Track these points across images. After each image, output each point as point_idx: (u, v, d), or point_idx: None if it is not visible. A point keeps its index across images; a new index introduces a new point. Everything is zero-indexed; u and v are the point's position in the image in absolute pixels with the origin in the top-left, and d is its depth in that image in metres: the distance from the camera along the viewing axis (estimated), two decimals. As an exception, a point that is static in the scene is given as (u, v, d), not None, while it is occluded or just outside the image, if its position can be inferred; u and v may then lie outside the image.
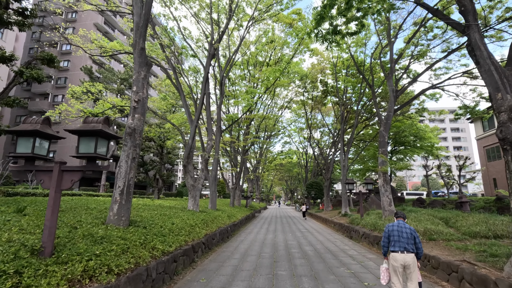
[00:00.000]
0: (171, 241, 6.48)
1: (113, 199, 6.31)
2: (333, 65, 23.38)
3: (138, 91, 7.08)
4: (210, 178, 16.19)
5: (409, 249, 4.04)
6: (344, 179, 19.22)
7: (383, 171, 11.73)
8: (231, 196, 23.18)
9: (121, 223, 6.13)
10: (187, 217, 9.63)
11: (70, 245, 4.05)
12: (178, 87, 13.17)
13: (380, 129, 12.31)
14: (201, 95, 12.19)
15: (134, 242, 5.22)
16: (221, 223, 11.89)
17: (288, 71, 25.88)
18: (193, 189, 12.27)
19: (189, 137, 12.77)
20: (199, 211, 12.31)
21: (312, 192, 35.89)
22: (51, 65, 9.11)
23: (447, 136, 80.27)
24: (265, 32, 23.11)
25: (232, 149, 24.28)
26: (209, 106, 13.68)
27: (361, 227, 11.97)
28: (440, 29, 16.25)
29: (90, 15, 37.31)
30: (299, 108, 37.22)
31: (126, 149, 6.61)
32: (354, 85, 22.28)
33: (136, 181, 22.39)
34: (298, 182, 64.20)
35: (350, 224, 13.50)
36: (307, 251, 8.61)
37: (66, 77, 36.35)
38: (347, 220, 15.52)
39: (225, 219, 13.32)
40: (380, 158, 12.03)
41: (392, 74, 12.70)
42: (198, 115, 12.17)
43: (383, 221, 10.64)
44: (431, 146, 23.43)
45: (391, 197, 11.57)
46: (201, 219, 10.21)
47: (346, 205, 18.87)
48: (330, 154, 30.07)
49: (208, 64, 12.41)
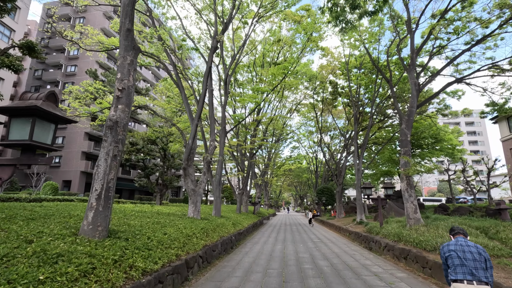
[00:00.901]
0: (158, 255, 5.35)
1: (89, 205, 5.25)
2: (344, 63, 22.21)
3: (123, 78, 6.07)
4: (213, 183, 15.11)
5: (480, 276, 2.77)
6: (359, 184, 17.80)
7: (406, 173, 10.37)
8: (237, 202, 21.99)
9: (96, 234, 5.05)
10: (184, 225, 8.52)
11: (1, 269, 2.97)
12: (178, 83, 12.24)
13: (401, 126, 10.99)
14: (203, 91, 11.18)
15: (104, 260, 4.11)
16: (224, 232, 10.72)
17: (296, 70, 24.85)
18: (193, 194, 11.18)
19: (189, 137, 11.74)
20: (200, 218, 11.19)
21: (323, 198, 34.30)
22: (32, 55, 8.30)
23: (463, 139, 77.19)
24: (272, 32, 22.21)
25: (238, 152, 23.19)
26: (212, 104, 12.66)
27: (382, 237, 10.58)
28: (461, 21, 14.97)
29: (97, 18, 37.30)
30: (308, 112, 36.02)
31: (106, 146, 5.57)
32: (367, 85, 20.99)
33: (137, 186, 21.55)
34: (308, 188, 62.46)
35: (368, 234, 12.10)
36: (322, 267, 7.33)
37: (73, 81, 36.21)
38: (364, 228, 14.10)
39: (230, 227, 12.15)
40: (402, 159, 10.68)
41: (413, 67, 11.42)
42: (199, 113, 11.15)
43: (408, 231, 9.26)
44: (452, 148, 21.74)
45: (416, 204, 10.18)
46: (201, 227, 9.07)
47: (361, 212, 17.41)
48: (341, 158, 28.62)
49: (211, 57, 11.42)
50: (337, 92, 24.74)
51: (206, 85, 11.22)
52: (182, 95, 12.16)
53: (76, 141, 34.22)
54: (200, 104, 11.17)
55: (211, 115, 12.61)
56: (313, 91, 27.29)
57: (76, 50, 37.40)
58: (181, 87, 12.15)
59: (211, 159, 11.85)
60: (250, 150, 22.14)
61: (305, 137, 44.79)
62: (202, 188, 11.48)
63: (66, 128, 35.10)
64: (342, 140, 39.20)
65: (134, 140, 18.59)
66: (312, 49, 21.08)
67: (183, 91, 12.12)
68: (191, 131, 11.06)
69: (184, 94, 12.18)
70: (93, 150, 34.02)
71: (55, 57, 37.26)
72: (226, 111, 23.01)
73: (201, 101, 11.20)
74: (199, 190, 11.35)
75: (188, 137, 17.80)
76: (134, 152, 17.79)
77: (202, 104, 11.23)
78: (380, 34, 18.57)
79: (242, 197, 22.65)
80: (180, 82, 12.10)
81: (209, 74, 11.51)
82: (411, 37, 11.63)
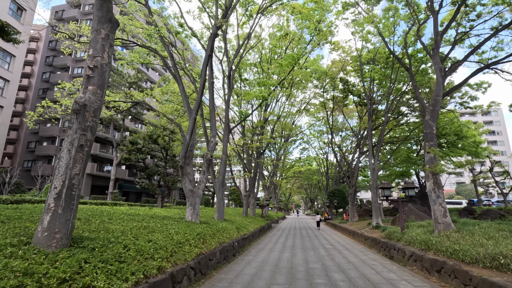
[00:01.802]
0: (132, 269, 4.28)
1: (45, 206, 4.24)
2: (356, 57, 20.92)
3: (96, 55, 5.08)
4: (216, 183, 14.05)
5: None
6: (374, 184, 16.40)
7: (432, 171, 9.02)
8: (244, 205, 20.86)
9: (53, 243, 4.03)
10: (177, 230, 7.46)
11: None
12: (175, 74, 11.29)
13: (425, 118, 9.65)
14: (201, 80, 10.18)
15: (46, 280, 3.06)
16: (225, 238, 9.61)
17: (306, 66, 23.66)
18: (191, 196, 10.13)
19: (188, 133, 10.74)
20: (199, 222, 10.13)
21: (335, 201, 32.75)
22: (4, 37, 7.46)
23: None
24: (279, 28, 21.17)
25: (245, 153, 22.12)
26: (213, 96, 11.64)
27: (405, 244, 9.24)
28: (485, 6, 13.51)
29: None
30: (318, 112, 34.63)
31: (70, 134, 4.56)
32: (381, 80, 19.57)
33: (139, 188, 20.70)
34: (318, 190, 60.75)
35: (388, 240, 10.75)
36: (337, 282, 6.11)
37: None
38: (382, 233, 12.71)
39: (232, 232, 11.03)
40: (427, 154, 9.33)
41: (437, 50, 10.08)
42: (198, 106, 10.13)
43: (438, 238, 7.91)
44: (476, 146, 20.00)
45: (446, 206, 8.80)
46: (197, 233, 7.99)
47: (377, 215, 15.98)
48: (354, 159, 27.14)
49: (210, 44, 10.41)
50: (348, 90, 23.42)
51: (205, 74, 10.21)
52: (180, 87, 11.20)
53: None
54: (199, 95, 10.16)
55: (212, 108, 11.58)
56: (322, 89, 26.02)
57: (83, 52, 37.31)
58: (178, 79, 11.19)
59: (211, 156, 10.79)
60: (257, 149, 21.02)
61: (315, 137, 43.40)
62: (201, 189, 10.43)
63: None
64: (354, 140, 37.69)
65: (133, 139, 17.77)
66: (319, 42, 19.84)
67: (181, 83, 11.16)
68: (189, 125, 10.04)
69: (182, 86, 11.21)
70: (99, 152, 33.62)
71: (63, 59, 37.31)
72: (231, 109, 22.03)
73: (200, 92, 10.18)
74: (198, 191, 10.30)
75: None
76: (134, 152, 17.00)
77: (201, 96, 10.21)
78: (396, 24, 17.28)
79: (249, 200, 21.52)
80: (178, 73, 11.14)
81: (209, 63, 10.51)
82: (435, 18, 10.32)
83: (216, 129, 13.92)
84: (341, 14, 18.83)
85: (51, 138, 35.75)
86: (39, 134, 35.68)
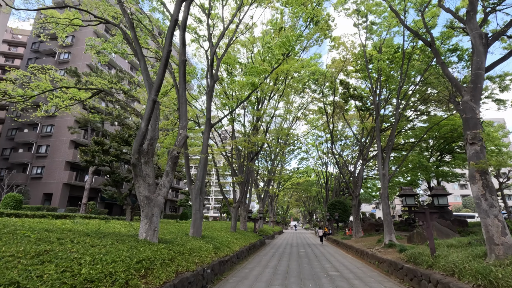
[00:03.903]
0: None
1: None
2: (358, 54, 18.78)
3: None
4: (192, 191, 11.35)
5: None
6: (385, 193, 13.73)
7: (481, 168, 6.43)
8: (232, 218, 18.01)
9: None
10: (101, 256, 4.75)
11: None
12: (136, 49, 8.86)
13: (464, 98, 7.17)
14: (164, 51, 7.69)
15: None
16: (190, 264, 6.84)
17: (302, 64, 21.47)
18: (147, 204, 7.43)
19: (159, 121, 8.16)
20: (157, 241, 7.38)
21: (336, 214, 29.85)
22: None
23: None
24: (273, 24, 19.19)
25: (235, 156, 19.47)
26: (184, 78, 9.13)
27: (445, 274, 6.52)
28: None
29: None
30: (317, 120, 32.30)
31: None
32: (388, 76, 17.24)
33: (107, 197, 17.80)
34: (317, 203, 57.67)
35: (413, 266, 8.01)
36: None
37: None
38: (401, 255, 9.96)
39: (206, 254, 8.27)
40: (470, 147, 6.77)
41: (474, 13, 7.73)
42: (158, 84, 7.62)
43: (501, 268, 5.23)
44: (498, 151, 17.46)
45: (504, 220, 6.16)
46: (141, 259, 5.29)
47: (390, 230, 13.22)
48: (357, 166, 24.55)
49: (178, 7, 7.99)
50: (349, 94, 21.16)
51: (169, 44, 7.73)
52: (141, 64, 8.72)
53: (61, 150, 31.14)
54: (160, 71, 7.65)
55: (182, 93, 9.04)
56: (321, 93, 23.78)
57: (66, 54, 35.21)
58: (139, 55, 8.73)
59: (178, 153, 8.16)
60: (249, 151, 18.38)
61: (314, 147, 40.84)
62: (162, 196, 7.73)
63: (51, 136, 32.23)
64: (354, 150, 35.21)
65: (99, 138, 15.07)
66: (315, 35, 17.62)
67: (142, 59, 8.70)
68: (145, 110, 7.47)
69: (144, 63, 8.74)
70: (78, 159, 30.80)
71: (46, 61, 35.04)
72: (218, 108, 19.53)
73: (161, 67, 7.68)
74: (157, 199, 7.60)
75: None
76: (99, 153, 14.30)
77: (163, 72, 7.69)
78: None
79: (238, 212, 18.67)
80: (139, 48, 8.69)
81: (174, 31, 8.05)
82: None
83: (188, 119, 11.36)
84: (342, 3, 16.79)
85: (28, 144, 32.98)
86: (15, 140, 32.95)
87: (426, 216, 8.27)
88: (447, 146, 20.55)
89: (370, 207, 69.67)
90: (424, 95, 19.57)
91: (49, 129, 32.58)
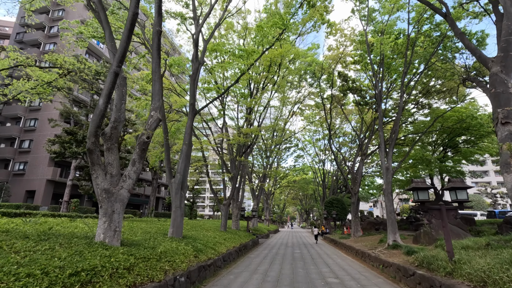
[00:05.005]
0: None
1: None
2: (358, 42, 17.56)
3: None
4: (172, 185, 10.00)
5: None
6: (388, 188, 12.48)
7: (516, 153, 5.17)
8: (222, 216, 16.71)
9: None
10: (25, 269, 3.40)
11: None
12: (99, 15, 7.48)
13: (492, 70, 5.91)
14: (129, 14, 6.33)
15: None
16: (156, 272, 5.49)
17: (298, 53, 20.21)
18: (106, 199, 6.09)
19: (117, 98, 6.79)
20: (118, 243, 6.04)
21: (333, 212, 28.63)
22: None
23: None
24: (267, 10, 17.90)
25: (229, 147, 18.11)
26: (159, 50, 7.74)
27: (470, 285, 5.27)
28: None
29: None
30: (313, 116, 31.09)
31: None
32: (389, 64, 15.96)
33: (82, 192, 16.24)
34: (314, 201, 56.56)
35: (428, 273, 6.75)
36: None
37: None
38: (409, 258, 8.72)
39: (181, 259, 6.93)
40: (502, 127, 5.51)
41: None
42: (122, 53, 6.25)
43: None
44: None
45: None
46: (75, 271, 3.94)
47: (394, 229, 11.98)
48: (356, 162, 23.34)
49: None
50: (348, 87, 19.92)
51: (135, 6, 6.36)
52: (106, 33, 7.34)
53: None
54: (124, 37, 6.29)
55: (155, 68, 7.67)
56: (318, 88, 22.51)
57: (51, 44, 33.61)
58: (104, 22, 7.34)
59: (148, 138, 6.81)
60: (241, 144, 17.04)
61: (310, 144, 39.59)
62: (126, 188, 6.37)
63: (35, 130, 30.62)
64: (352, 147, 34.02)
65: (70, 128, 13.67)
66: (316, 24, 16.32)
67: (102, 11, 7.34)
68: (105, 84, 6.10)
69: (105, 15, 7.37)
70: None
71: (31, 51, 33.34)
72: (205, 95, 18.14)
73: (125, 32, 6.32)
74: (119, 192, 6.25)
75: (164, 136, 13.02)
76: (70, 144, 12.88)
77: (127, 39, 6.33)
78: None
79: (228, 209, 17.36)
80: (102, 8, 7.30)
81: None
82: None
83: (162, 98, 10.00)
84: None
85: (10, 139, 31.33)
86: (1, 114, 31.45)
87: (442, 213, 7.00)
88: (450, 140, 19.39)
89: (367, 205, 68.66)
90: (427, 87, 18.42)
91: (32, 123, 30.95)
